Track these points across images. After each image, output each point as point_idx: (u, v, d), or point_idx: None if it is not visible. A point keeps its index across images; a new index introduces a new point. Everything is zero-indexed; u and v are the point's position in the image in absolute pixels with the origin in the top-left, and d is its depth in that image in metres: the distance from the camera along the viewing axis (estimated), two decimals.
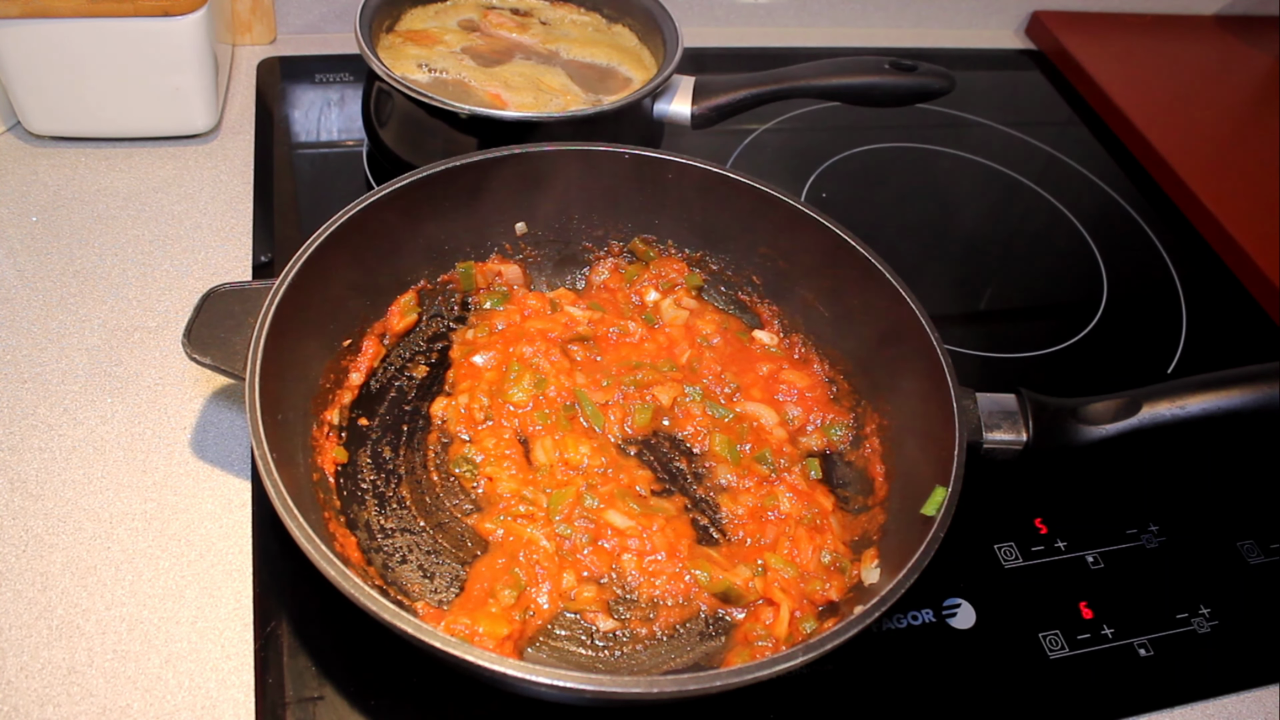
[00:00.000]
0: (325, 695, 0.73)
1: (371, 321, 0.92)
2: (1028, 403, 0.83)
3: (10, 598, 0.76)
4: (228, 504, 0.84)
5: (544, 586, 0.77)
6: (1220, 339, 1.19)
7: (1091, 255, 1.28)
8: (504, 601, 0.75)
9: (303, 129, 1.23)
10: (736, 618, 0.79)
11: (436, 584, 0.78)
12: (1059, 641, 0.85)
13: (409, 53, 1.10)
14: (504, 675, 0.60)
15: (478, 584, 0.76)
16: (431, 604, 0.76)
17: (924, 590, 0.85)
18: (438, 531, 0.82)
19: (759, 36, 1.57)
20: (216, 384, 0.93)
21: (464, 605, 0.74)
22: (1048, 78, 1.62)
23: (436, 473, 0.86)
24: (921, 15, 1.66)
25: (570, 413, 0.89)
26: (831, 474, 0.91)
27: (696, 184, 0.96)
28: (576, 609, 0.77)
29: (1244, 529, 0.97)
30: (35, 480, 0.83)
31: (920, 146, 1.41)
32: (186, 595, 0.78)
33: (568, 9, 1.23)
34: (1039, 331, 1.16)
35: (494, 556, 0.78)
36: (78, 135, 1.14)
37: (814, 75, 1.12)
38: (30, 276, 1.00)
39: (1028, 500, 0.96)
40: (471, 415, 0.88)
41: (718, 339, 0.97)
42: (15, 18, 1.00)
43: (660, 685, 0.61)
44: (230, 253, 1.06)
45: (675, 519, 0.83)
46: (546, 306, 0.98)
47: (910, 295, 0.86)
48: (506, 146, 0.92)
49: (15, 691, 0.71)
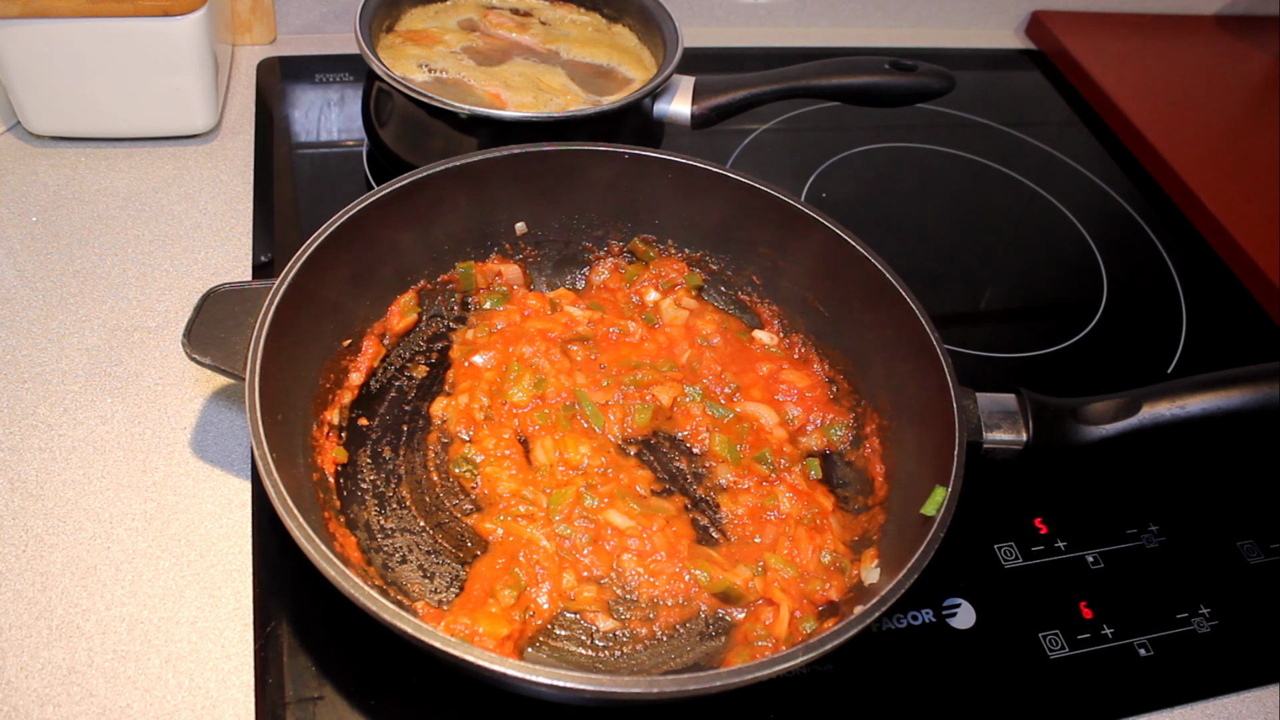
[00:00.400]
0: (325, 695, 0.73)
1: (371, 321, 0.92)
2: (1028, 403, 0.83)
3: (10, 598, 0.76)
4: (228, 504, 0.84)
5: (544, 586, 0.77)
6: (1220, 339, 1.19)
7: (1091, 255, 1.28)
8: (504, 601, 0.75)
9: (303, 129, 1.23)
10: (736, 618, 0.79)
11: (436, 584, 0.78)
12: (1059, 641, 0.85)
13: (409, 53, 1.10)
14: (504, 675, 0.60)
15: (478, 584, 0.76)
16: (431, 604, 0.76)
17: (924, 590, 0.85)
18: (438, 531, 0.82)
19: (759, 36, 1.57)
20: (216, 384, 0.93)
21: (464, 605, 0.74)
22: (1048, 78, 1.62)
23: (436, 473, 0.86)
24: (921, 15, 1.66)
25: (570, 413, 0.89)
26: (831, 474, 0.91)
27: (697, 184, 0.96)
28: (576, 609, 0.77)
29: (1244, 529, 0.97)
30: (35, 480, 0.83)
31: (920, 146, 1.41)
32: (186, 595, 0.78)
33: (568, 9, 1.23)
34: (1039, 331, 1.16)
35: (494, 556, 0.78)
36: (78, 135, 1.14)
37: (814, 75, 1.12)
38: (30, 276, 1.00)
39: (1028, 500, 0.96)
40: (471, 415, 0.88)
41: (718, 339, 0.97)
42: (15, 18, 1.00)
43: (660, 685, 0.61)
44: (230, 253, 1.06)
45: (675, 519, 0.83)
46: (546, 306, 0.98)
47: (910, 295, 0.86)
48: (506, 146, 0.92)
49: (15, 691, 0.71)
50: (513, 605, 0.75)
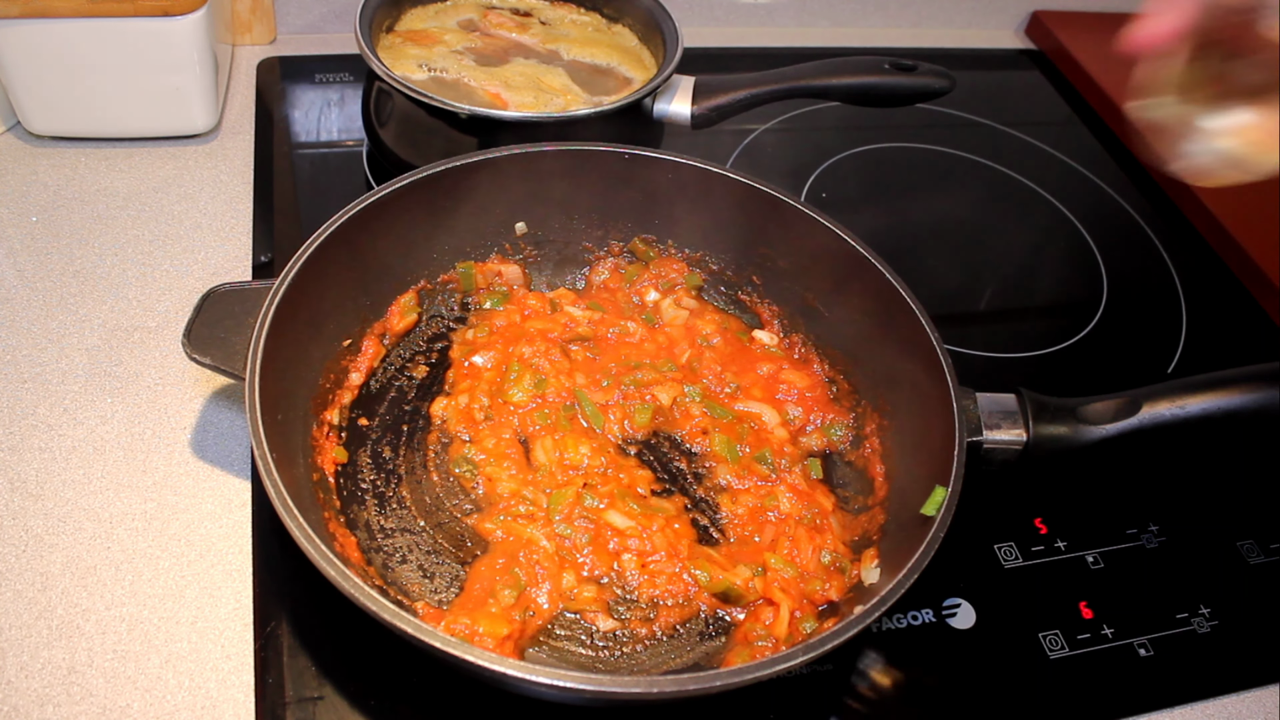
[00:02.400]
0: (325, 695, 0.73)
1: (371, 321, 0.92)
2: (1028, 402, 0.83)
3: (10, 598, 0.76)
4: (228, 504, 0.84)
5: (544, 586, 0.77)
6: (1220, 339, 1.19)
7: (1091, 255, 1.28)
8: (504, 601, 0.75)
9: (303, 129, 1.23)
10: (736, 618, 0.79)
11: (436, 584, 0.78)
12: (1059, 641, 0.85)
13: (409, 53, 1.10)
14: (504, 675, 0.60)
15: (478, 584, 0.76)
16: (431, 604, 0.76)
17: (924, 590, 0.84)
18: (438, 531, 0.82)
19: (759, 36, 1.57)
20: (216, 384, 0.93)
21: (464, 605, 0.74)
22: (1048, 78, 1.61)
23: (436, 473, 0.86)
24: (921, 15, 1.66)
25: (570, 413, 0.89)
26: (831, 474, 0.91)
27: (696, 184, 0.96)
28: (576, 609, 0.77)
29: (1244, 529, 0.97)
30: (35, 480, 0.83)
31: (920, 146, 1.41)
32: (186, 595, 0.78)
33: (568, 9, 1.23)
34: (1039, 331, 1.16)
35: (494, 556, 0.78)
36: (78, 135, 1.14)
37: (814, 75, 1.12)
38: (30, 276, 1.00)
39: (1028, 500, 0.96)
40: (471, 415, 0.88)
41: (718, 339, 0.97)
42: (15, 18, 1.00)
43: (660, 685, 0.61)
44: (230, 253, 1.06)
45: (675, 519, 0.83)
46: (546, 306, 0.98)
47: (910, 295, 0.86)
48: (506, 146, 0.92)
49: (15, 691, 0.71)
50: (513, 605, 0.75)
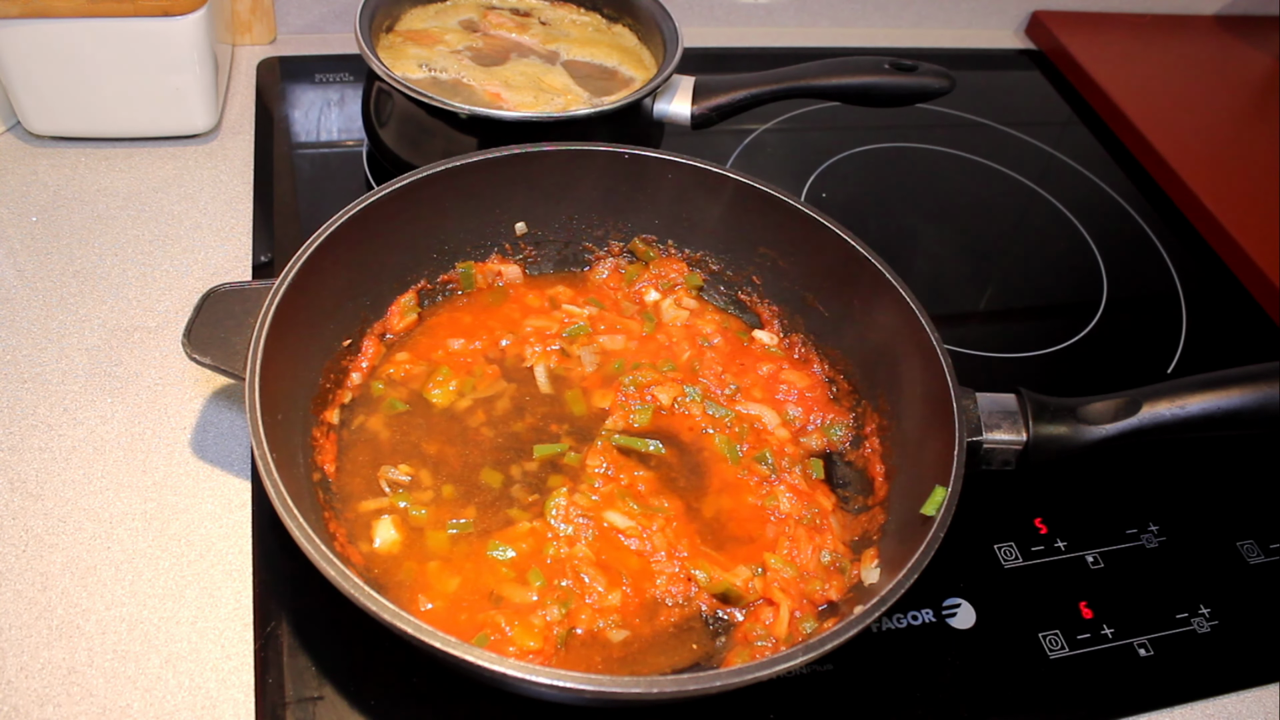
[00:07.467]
0: (325, 695, 0.73)
1: (371, 321, 0.92)
2: (1028, 402, 0.83)
3: (10, 598, 0.76)
4: (228, 504, 0.84)
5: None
6: (1220, 339, 1.19)
7: (1091, 255, 1.28)
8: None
9: (303, 129, 1.23)
10: (736, 618, 0.79)
11: None
12: (1059, 641, 0.85)
13: (409, 53, 1.10)
14: (504, 675, 0.60)
15: None
16: None
17: (924, 590, 0.85)
18: None
19: (759, 36, 1.57)
20: (216, 384, 0.93)
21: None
22: (1048, 78, 1.62)
23: None
24: (921, 15, 1.66)
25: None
26: (831, 474, 0.91)
27: (697, 184, 0.96)
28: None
29: (1244, 529, 0.97)
30: (35, 480, 0.83)
31: (920, 146, 1.41)
32: (186, 595, 0.78)
33: (568, 9, 1.23)
34: (1039, 331, 1.16)
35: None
36: (78, 135, 1.14)
37: (814, 75, 1.12)
38: (30, 276, 1.00)
39: (1028, 500, 0.96)
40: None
41: (718, 339, 0.97)
42: (15, 18, 1.00)
43: (660, 685, 0.61)
44: (230, 253, 1.06)
45: (675, 519, 0.83)
46: (545, 302, 0.97)
47: (910, 295, 0.86)
48: (506, 146, 0.92)
49: (15, 691, 0.71)
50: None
